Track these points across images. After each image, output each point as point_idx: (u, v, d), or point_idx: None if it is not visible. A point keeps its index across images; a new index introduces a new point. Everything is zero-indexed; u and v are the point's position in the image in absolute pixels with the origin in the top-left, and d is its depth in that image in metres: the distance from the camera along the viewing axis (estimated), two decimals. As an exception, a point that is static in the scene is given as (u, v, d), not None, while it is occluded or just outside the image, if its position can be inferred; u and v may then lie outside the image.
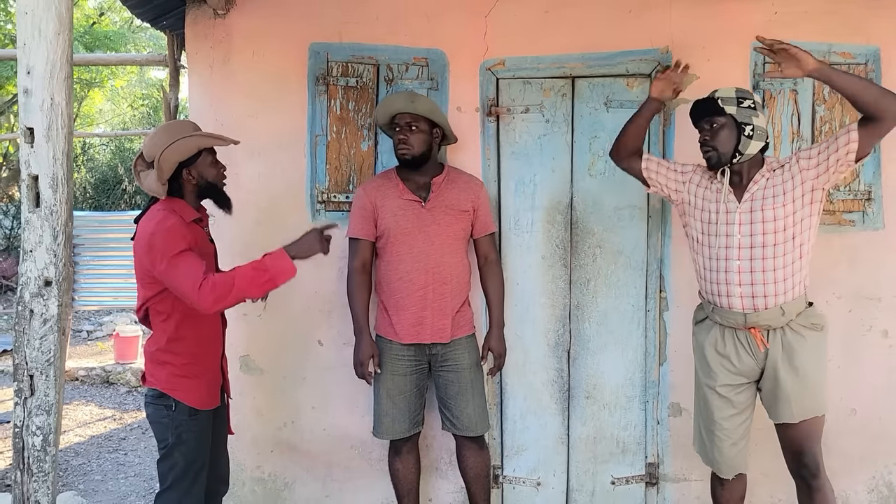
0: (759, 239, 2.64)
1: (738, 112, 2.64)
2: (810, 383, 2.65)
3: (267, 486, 3.50)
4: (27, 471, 2.24)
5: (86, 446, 5.29)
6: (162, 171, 2.53)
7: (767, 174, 2.69)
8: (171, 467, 2.61)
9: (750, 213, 2.66)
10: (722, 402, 2.77)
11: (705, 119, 2.70)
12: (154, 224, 2.51)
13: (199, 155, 2.62)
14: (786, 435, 2.72)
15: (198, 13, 3.39)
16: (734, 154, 2.66)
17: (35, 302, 2.20)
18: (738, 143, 2.65)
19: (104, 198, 14.04)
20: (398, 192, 3.10)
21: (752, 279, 2.65)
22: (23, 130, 2.15)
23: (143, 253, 2.50)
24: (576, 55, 3.34)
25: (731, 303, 2.69)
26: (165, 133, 2.58)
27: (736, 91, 2.68)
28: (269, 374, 3.45)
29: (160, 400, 2.60)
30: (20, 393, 2.23)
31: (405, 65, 3.40)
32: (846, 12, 3.26)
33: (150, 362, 2.63)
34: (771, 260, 2.63)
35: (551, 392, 3.43)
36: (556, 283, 3.41)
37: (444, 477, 3.47)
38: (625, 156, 2.95)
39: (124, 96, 16.51)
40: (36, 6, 2.10)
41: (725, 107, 2.64)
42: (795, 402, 2.64)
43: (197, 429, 2.65)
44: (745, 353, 2.72)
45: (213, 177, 2.68)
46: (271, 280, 2.52)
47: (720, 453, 2.80)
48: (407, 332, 3.07)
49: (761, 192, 2.67)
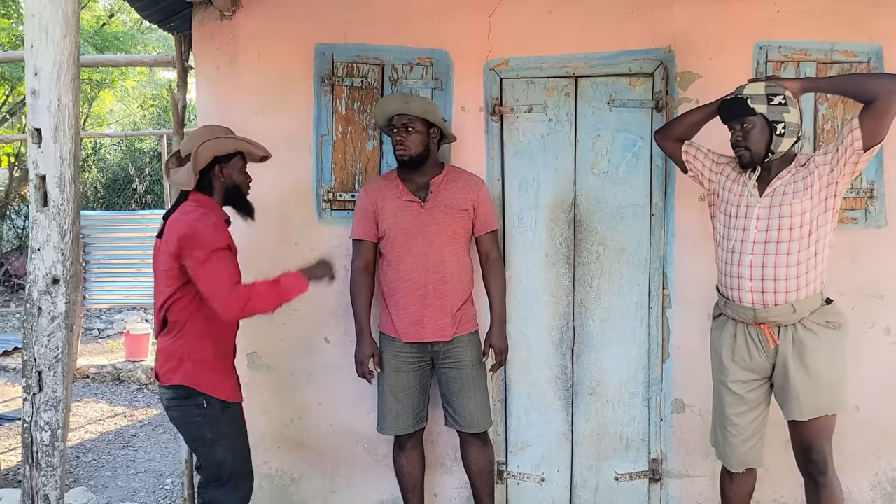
0: (773, 234, 2.64)
1: (769, 110, 2.61)
2: (822, 381, 2.63)
3: (274, 482, 3.53)
4: (36, 466, 2.27)
5: (96, 443, 5.34)
6: (197, 162, 2.62)
7: (794, 170, 2.68)
8: (220, 463, 2.64)
9: (769, 209, 2.66)
10: (734, 398, 2.78)
11: (736, 119, 2.68)
12: (195, 217, 2.56)
13: (234, 156, 2.73)
14: (796, 431, 2.71)
15: (204, 15, 3.43)
16: (766, 153, 2.65)
17: (43, 299, 2.23)
18: (771, 142, 2.63)
19: (115, 197, 14.12)
20: (398, 193, 3.12)
21: (763, 274, 2.65)
22: (30, 131, 2.18)
23: (178, 244, 2.52)
24: (579, 55, 3.35)
25: (742, 297, 2.70)
26: (208, 130, 2.72)
27: (765, 88, 2.64)
28: (276, 371, 3.49)
29: (189, 399, 2.61)
30: (29, 389, 2.26)
31: (409, 65, 3.43)
32: (849, 10, 3.27)
33: (173, 360, 2.62)
34: (784, 256, 2.62)
35: (555, 389, 3.45)
36: (559, 281, 3.43)
37: (449, 473, 3.50)
38: (671, 140, 2.98)
39: (134, 97, 16.58)
40: (43, 9, 2.13)
41: (755, 106, 2.62)
42: (805, 399, 2.63)
43: (234, 420, 2.70)
44: (756, 350, 2.72)
45: (241, 181, 2.78)
46: (285, 292, 2.65)
47: (731, 448, 2.81)
48: (408, 331, 3.10)
49: (783, 188, 2.66)
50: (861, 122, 2.50)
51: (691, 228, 3.31)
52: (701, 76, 3.29)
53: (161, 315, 2.66)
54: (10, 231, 13.49)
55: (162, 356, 2.66)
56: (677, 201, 3.35)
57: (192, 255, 2.51)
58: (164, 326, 2.67)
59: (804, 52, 3.28)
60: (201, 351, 2.65)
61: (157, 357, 2.69)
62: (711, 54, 3.30)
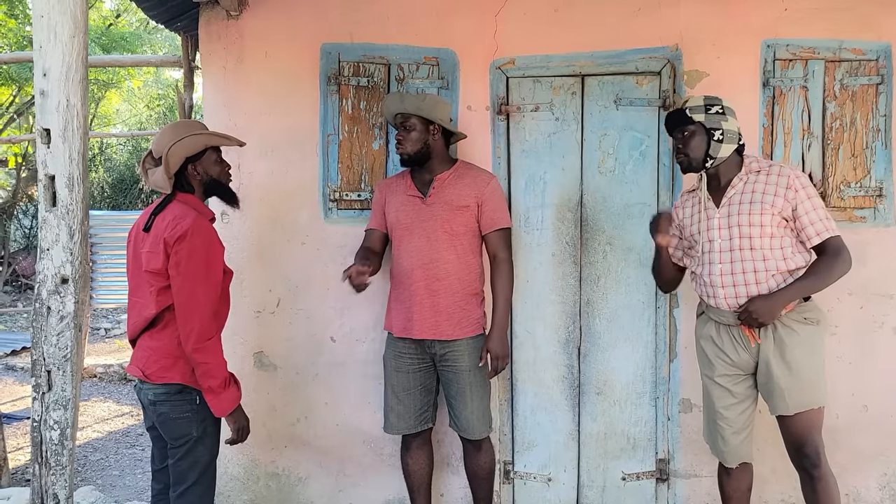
0: (736, 242, 2.75)
1: (707, 118, 2.77)
2: (804, 377, 2.70)
3: (281, 481, 3.54)
4: (45, 464, 2.29)
5: (104, 442, 5.36)
6: (169, 166, 2.58)
7: (745, 177, 2.79)
8: (193, 463, 2.59)
9: (727, 218, 2.78)
10: (721, 391, 2.86)
11: (677, 129, 2.83)
12: (190, 222, 2.51)
13: (205, 152, 2.68)
14: (786, 428, 2.78)
15: (211, 15, 3.43)
16: (706, 158, 2.78)
17: (52, 299, 2.25)
18: (709, 148, 2.77)
19: (122, 197, 14.18)
20: (405, 189, 3.14)
21: (733, 280, 2.75)
22: (39, 131, 2.20)
23: (173, 247, 2.49)
24: (585, 53, 3.35)
25: (718, 303, 2.80)
26: (173, 130, 2.64)
27: (704, 99, 2.81)
28: (282, 371, 3.50)
29: (180, 395, 2.56)
30: (38, 388, 2.28)
31: (416, 64, 3.43)
32: (857, 8, 3.25)
33: (167, 358, 2.57)
34: (751, 262, 2.73)
35: (562, 388, 3.45)
36: (566, 280, 3.43)
37: (455, 472, 3.50)
38: (675, 284, 3.12)
39: (141, 97, 16.64)
40: (51, 10, 2.14)
41: (693, 115, 2.78)
42: (789, 395, 2.70)
43: (219, 419, 2.68)
44: (739, 348, 2.80)
45: (218, 174, 2.74)
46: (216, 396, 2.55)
47: (724, 442, 2.88)
48: (398, 326, 3.12)
49: (738, 198, 2.78)
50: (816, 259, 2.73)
51: (698, 227, 3.30)
52: (708, 74, 3.28)
53: (155, 312, 2.57)
54: (18, 231, 13.55)
55: (152, 354, 2.58)
56: (684, 200, 3.34)
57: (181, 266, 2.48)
58: (151, 324, 2.60)
59: (812, 49, 3.27)
60: None
61: (143, 356, 2.60)
62: (719, 52, 3.29)
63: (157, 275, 2.54)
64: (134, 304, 2.66)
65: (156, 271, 2.54)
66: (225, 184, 2.78)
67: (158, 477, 2.79)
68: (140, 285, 2.62)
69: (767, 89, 3.28)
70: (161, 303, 2.55)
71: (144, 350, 2.61)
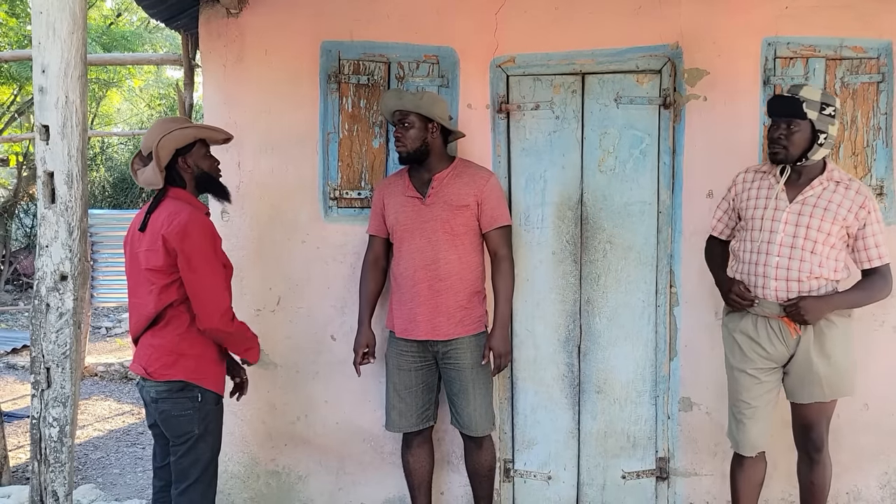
0: (800, 241, 2.75)
1: (819, 119, 2.69)
2: (841, 367, 2.79)
3: (281, 479, 3.54)
4: (44, 462, 2.28)
5: (104, 440, 5.36)
6: (159, 159, 2.59)
7: (826, 183, 2.77)
8: (194, 461, 2.61)
9: (798, 216, 2.77)
10: (751, 381, 2.89)
11: (784, 118, 2.72)
12: (187, 216, 2.55)
13: (194, 145, 2.69)
14: (800, 412, 2.88)
15: (211, 13, 3.43)
16: (801, 157, 2.73)
17: (51, 296, 2.24)
18: (810, 149, 2.71)
19: (122, 196, 14.19)
20: (403, 189, 3.14)
21: (787, 275, 2.77)
22: (38, 128, 2.19)
23: (174, 243, 2.51)
24: (586, 51, 3.34)
25: (767, 294, 2.81)
26: (162, 125, 2.67)
27: (821, 96, 2.70)
28: (282, 369, 3.49)
29: (182, 392, 2.58)
30: (37, 385, 2.27)
31: (416, 62, 3.43)
32: (858, 7, 3.24)
33: (170, 355, 2.59)
34: (808, 264, 2.74)
35: (562, 387, 3.45)
36: (566, 279, 3.42)
37: (455, 470, 3.49)
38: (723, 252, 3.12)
39: (141, 96, 16.64)
40: (50, 6, 2.14)
41: (808, 111, 2.68)
42: (828, 383, 2.78)
43: (221, 416, 2.69)
44: (777, 341, 2.83)
45: (208, 167, 2.76)
46: (252, 349, 2.80)
47: (744, 432, 2.92)
48: (401, 328, 3.12)
49: (814, 200, 2.77)
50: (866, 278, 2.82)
51: (699, 226, 3.29)
52: (709, 73, 3.28)
53: (155, 312, 2.59)
54: (19, 230, 13.56)
55: (154, 352, 2.60)
56: (685, 199, 3.34)
57: (191, 259, 2.53)
58: (153, 323, 2.62)
59: (813, 48, 3.26)
60: (202, 345, 2.64)
61: (145, 353, 2.62)
62: (719, 50, 3.28)
63: (158, 272, 2.56)
64: (134, 305, 2.69)
65: (156, 268, 2.56)
66: (216, 177, 2.79)
67: (160, 474, 2.80)
68: (139, 285, 2.64)
69: (768, 87, 3.27)
70: (162, 301, 2.58)
71: (147, 348, 2.63)
